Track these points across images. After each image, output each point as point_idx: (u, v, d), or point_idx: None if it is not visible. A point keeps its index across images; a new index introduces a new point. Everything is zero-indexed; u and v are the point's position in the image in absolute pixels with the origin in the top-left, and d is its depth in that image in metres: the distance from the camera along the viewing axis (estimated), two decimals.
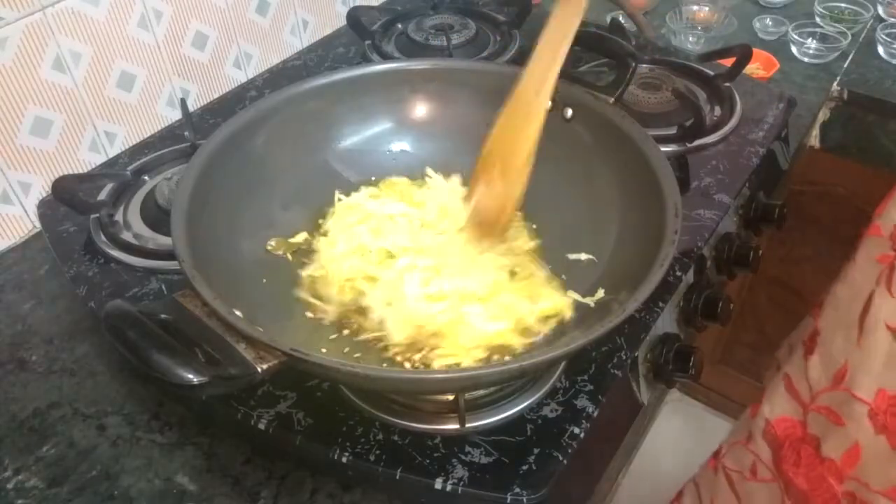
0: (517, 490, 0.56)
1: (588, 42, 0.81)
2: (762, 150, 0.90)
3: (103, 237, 0.78)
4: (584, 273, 0.67)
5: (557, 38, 0.63)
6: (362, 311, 0.64)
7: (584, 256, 0.67)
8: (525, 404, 0.61)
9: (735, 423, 0.86)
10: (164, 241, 0.78)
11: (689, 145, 0.88)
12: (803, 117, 1.04)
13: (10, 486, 0.61)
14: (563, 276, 0.67)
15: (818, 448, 0.65)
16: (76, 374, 0.70)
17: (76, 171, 0.89)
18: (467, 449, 0.59)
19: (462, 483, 0.57)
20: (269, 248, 0.68)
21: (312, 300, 0.65)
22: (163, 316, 0.51)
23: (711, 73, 0.99)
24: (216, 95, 1.05)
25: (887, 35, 1.13)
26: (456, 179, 0.75)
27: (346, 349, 0.62)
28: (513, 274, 0.66)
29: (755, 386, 1.59)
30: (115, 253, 0.77)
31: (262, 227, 0.69)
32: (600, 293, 0.62)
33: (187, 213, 0.59)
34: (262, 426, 0.61)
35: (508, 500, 0.56)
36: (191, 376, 0.46)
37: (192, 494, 0.61)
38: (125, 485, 0.61)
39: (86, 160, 0.91)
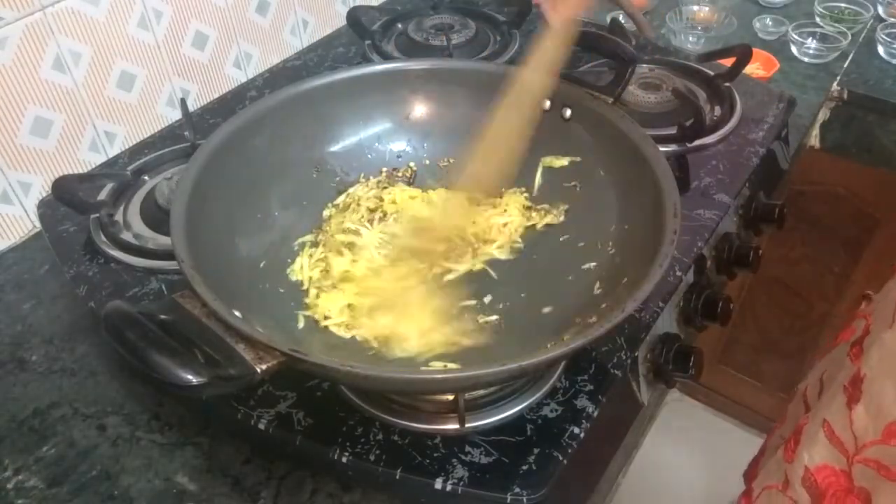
0: (517, 490, 0.56)
1: (588, 42, 0.81)
2: (762, 150, 0.90)
3: (103, 237, 0.78)
4: (584, 274, 0.67)
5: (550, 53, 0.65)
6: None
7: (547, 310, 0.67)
8: (525, 404, 0.61)
9: (732, 421, 0.85)
10: (164, 241, 0.78)
11: (689, 145, 0.87)
12: (803, 117, 1.04)
13: (10, 486, 0.61)
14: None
15: (868, 501, 0.64)
16: (76, 374, 0.70)
17: (76, 171, 0.89)
18: (467, 449, 0.59)
19: (462, 483, 0.57)
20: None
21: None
22: (162, 316, 0.51)
23: (711, 73, 0.99)
24: (216, 95, 1.05)
25: (887, 35, 1.13)
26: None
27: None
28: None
29: (755, 386, 1.59)
30: (115, 253, 0.77)
31: (262, 228, 0.70)
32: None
33: (187, 213, 0.59)
34: (262, 426, 0.61)
35: (508, 500, 0.56)
36: (190, 377, 0.46)
37: (192, 494, 0.61)
38: (125, 485, 0.61)
39: (86, 160, 0.91)
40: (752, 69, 1.10)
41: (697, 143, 0.88)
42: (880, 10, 1.23)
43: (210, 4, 0.98)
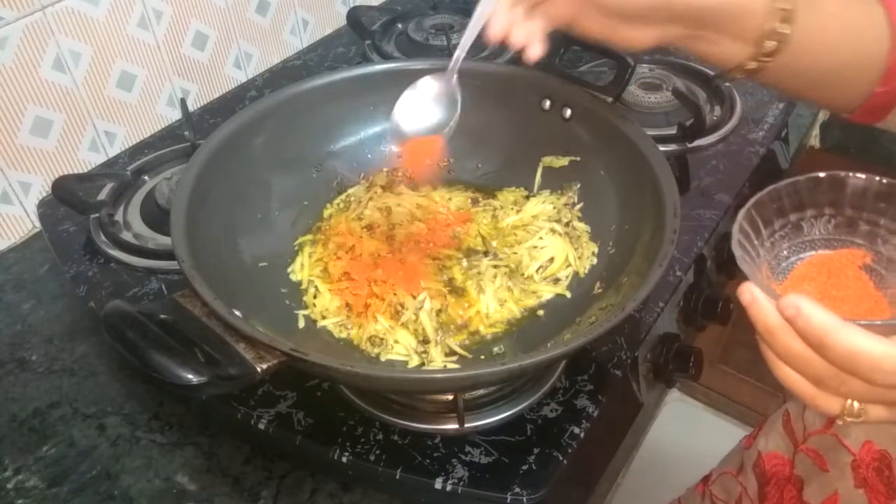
0: (517, 490, 0.56)
1: (588, 42, 0.81)
2: (762, 150, 0.90)
3: (103, 237, 0.78)
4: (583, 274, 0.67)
5: None
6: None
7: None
8: (525, 404, 0.61)
9: (732, 421, 0.85)
10: (164, 241, 0.78)
11: (688, 145, 0.88)
12: (803, 117, 1.04)
13: (10, 486, 0.61)
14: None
15: (801, 490, 0.64)
16: (76, 374, 0.70)
17: (76, 171, 0.89)
18: (467, 449, 0.59)
19: (462, 483, 0.57)
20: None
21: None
22: (162, 316, 0.51)
23: (711, 72, 0.99)
24: (216, 95, 1.05)
25: None
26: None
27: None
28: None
29: (755, 386, 1.59)
30: (115, 253, 0.77)
31: (262, 227, 0.69)
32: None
33: (187, 213, 0.59)
34: (262, 426, 0.61)
35: (508, 500, 0.56)
36: (190, 376, 0.46)
37: (192, 494, 0.60)
38: (125, 485, 0.61)
39: (86, 160, 0.91)
40: None
41: (697, 142, 0.88)
42: None
43: (210, 4, 0.98)
